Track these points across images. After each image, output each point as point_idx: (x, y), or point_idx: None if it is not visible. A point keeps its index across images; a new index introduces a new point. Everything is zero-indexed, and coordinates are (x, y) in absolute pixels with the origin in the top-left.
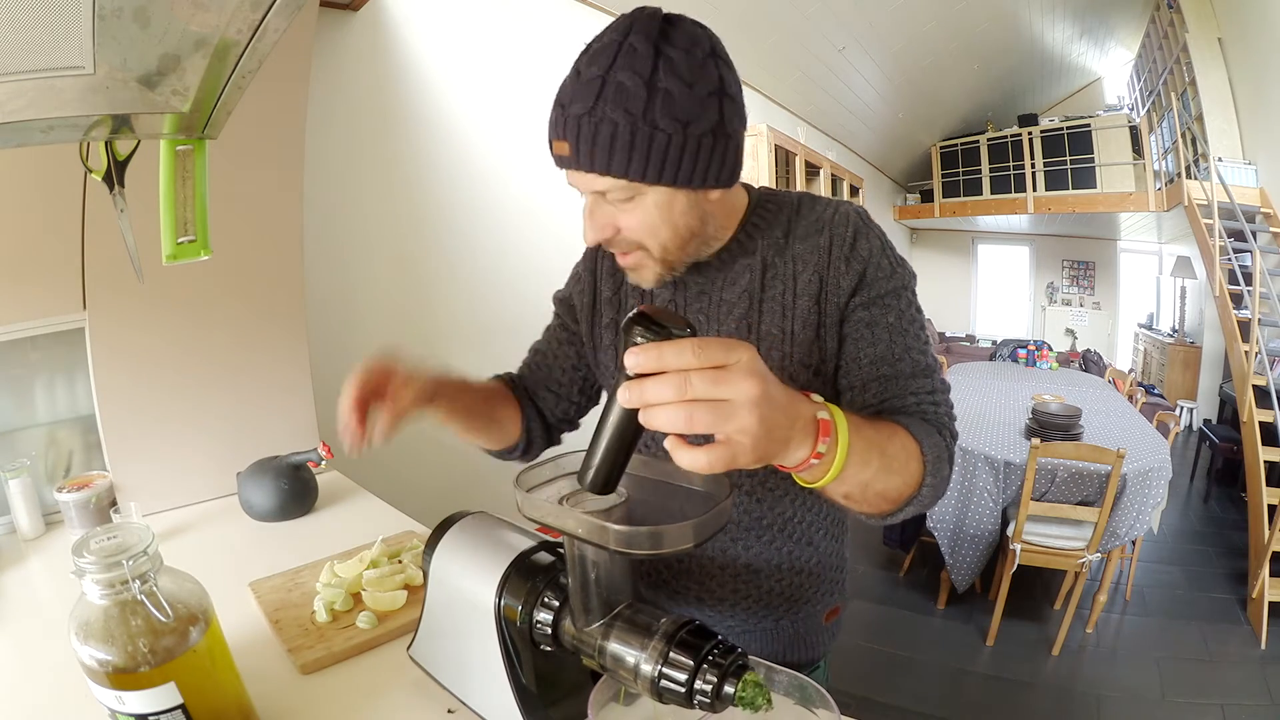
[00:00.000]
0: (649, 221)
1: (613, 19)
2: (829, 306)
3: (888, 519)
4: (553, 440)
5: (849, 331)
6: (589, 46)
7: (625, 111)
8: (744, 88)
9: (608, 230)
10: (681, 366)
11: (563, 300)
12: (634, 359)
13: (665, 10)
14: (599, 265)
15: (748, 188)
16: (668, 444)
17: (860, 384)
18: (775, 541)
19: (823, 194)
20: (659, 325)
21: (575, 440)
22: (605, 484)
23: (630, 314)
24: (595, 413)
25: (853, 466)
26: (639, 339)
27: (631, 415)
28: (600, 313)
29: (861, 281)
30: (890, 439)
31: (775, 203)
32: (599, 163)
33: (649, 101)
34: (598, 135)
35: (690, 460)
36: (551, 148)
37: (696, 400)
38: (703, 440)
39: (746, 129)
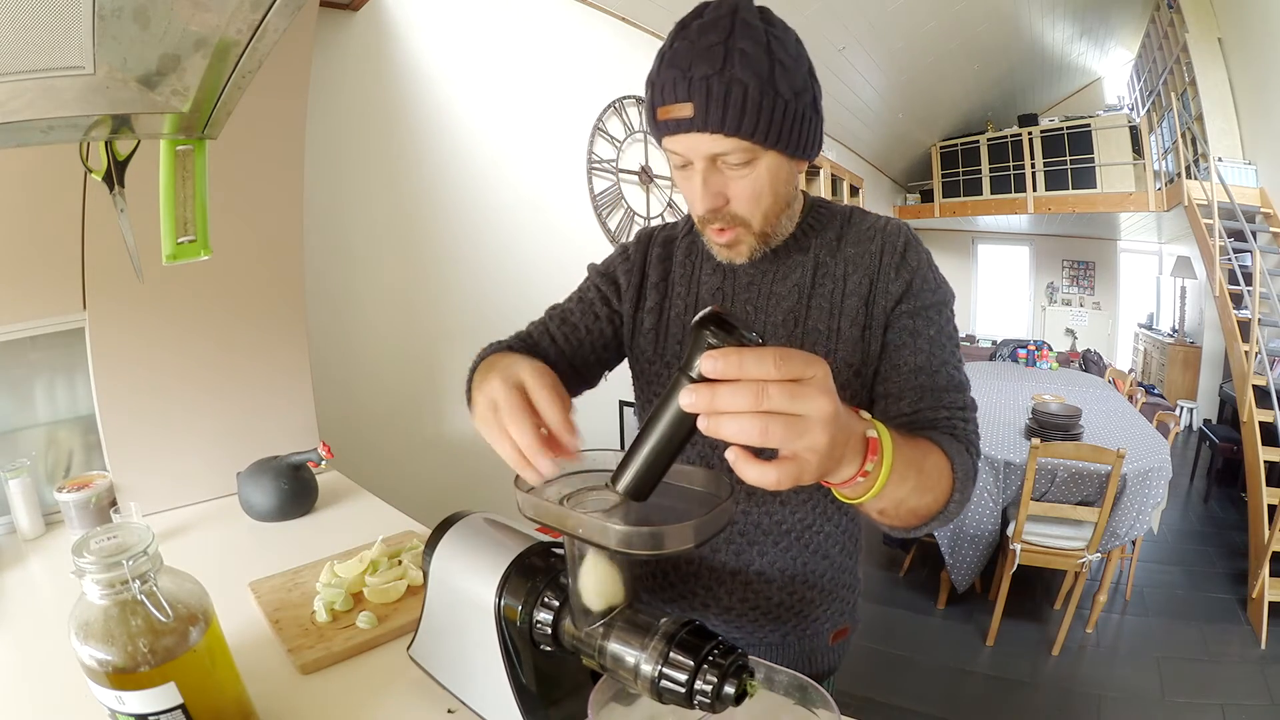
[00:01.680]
0: (758, 188)
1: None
2: (876, 309)
3: (913, 532)
4: None
5: (891, 338)
6: (689, 23)
7: (754, 75)
8: None
9: (719, 199)
10: (762, 377)
11: (606, 274)
12: (713, 363)
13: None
14: (650, 250)
15: (803, 193)
16: (730, 455)
17: (898, 391)
18: (791, 549)
19: (823, 194)
20: (731, 328)
21: None
22: (644, 490)
23: (702, 313)
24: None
25: (892, 484)
26: (711, 341)
27: (687, 419)
28: (645, 296)
29: (908, 290)
30: (926, 457)
31: (828, 209)
32: (730, 123)
33: (771, 69)
34: (729, 96)
35: (758, 475)
36: (656, 115)
37: (772, 413)
38: (765, 454)
39: None
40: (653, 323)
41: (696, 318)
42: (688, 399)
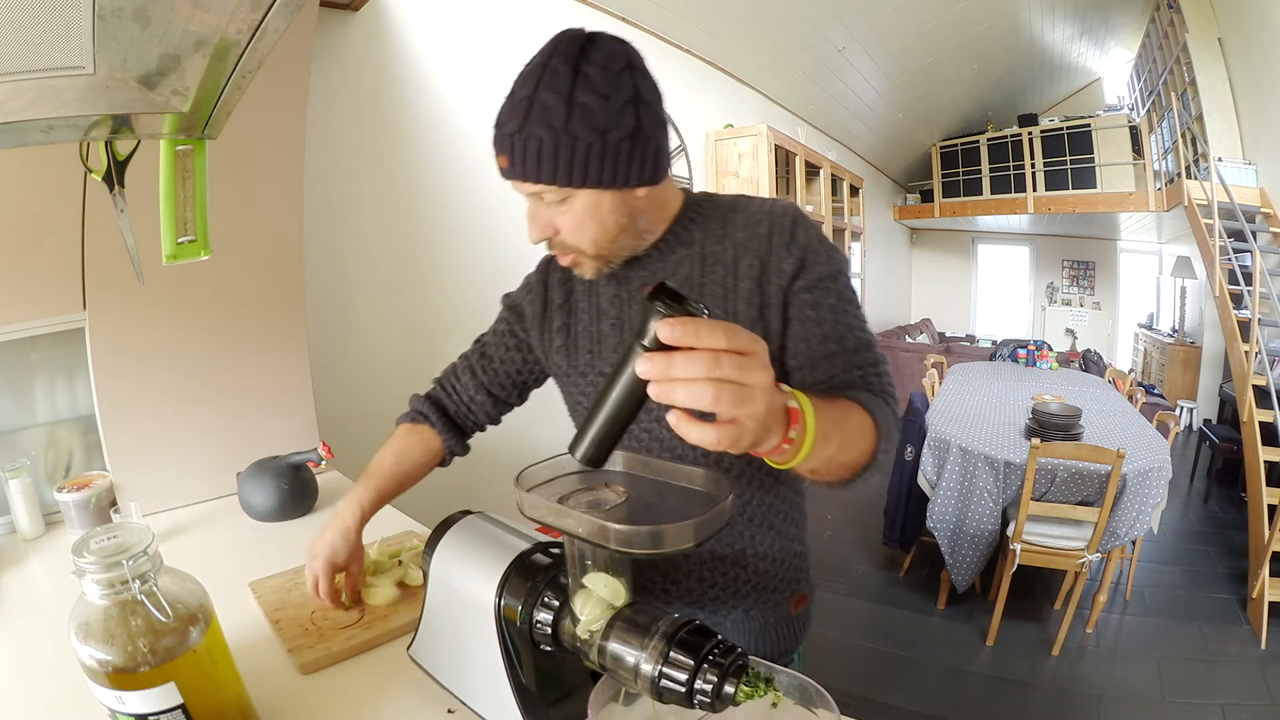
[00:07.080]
0: (579, 221)
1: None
2: (771, 288)
3: (849, 485)
4: (467, 448)
5: (795, 314)
6: (524, 68)
7: (548, 127)
8: (744, 87)
9: (548, 230)
10: (715, 346)
11: (513, 307)
12: (671, 330)
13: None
14: (549, 275)
15: (686, 191)
16: (672, 417)
17: (809, 362)
18: (737, 525)
19: (823, 194)
20: (680, 298)
21: (548, 443)
22: (600, 456)
23: (652, 287)
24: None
25: (818, 445)
26: (661, 310)
27: (639, 388)
28: (551, 318)
29: (802, 266)
30: (847, 415)
31: (711, 202)
32: (530, 172)
33: (568, 116)
34: (527, 149)
35: (700, 435)
36: (496, 161)
37: (723, 380)
38: (703, 417)
39: (667, 131)
40: (562, 340)
41: (646, 291)
42: (643, 366)
